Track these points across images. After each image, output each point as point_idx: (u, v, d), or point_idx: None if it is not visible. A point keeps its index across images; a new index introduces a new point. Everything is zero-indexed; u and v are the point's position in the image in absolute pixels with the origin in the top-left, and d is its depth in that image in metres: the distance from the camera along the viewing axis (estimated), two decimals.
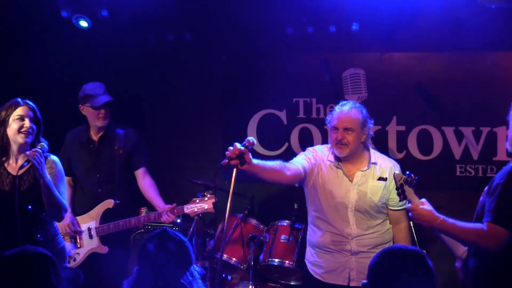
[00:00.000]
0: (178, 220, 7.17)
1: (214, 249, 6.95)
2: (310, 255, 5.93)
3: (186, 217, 7.20)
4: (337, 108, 5.83)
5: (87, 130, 7.07)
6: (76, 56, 8.02)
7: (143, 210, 7.00)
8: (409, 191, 4.73)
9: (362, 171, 5.77)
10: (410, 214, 4.65)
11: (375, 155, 5.91)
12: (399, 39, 7.60)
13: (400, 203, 5.68)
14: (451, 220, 4.54)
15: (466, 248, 4.75)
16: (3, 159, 5.54)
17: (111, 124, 7.05)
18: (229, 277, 7.14)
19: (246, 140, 5.29)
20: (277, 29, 7.62)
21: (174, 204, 6.81)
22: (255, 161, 5.33)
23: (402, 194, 4.76)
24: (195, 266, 3.72)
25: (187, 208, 6.77)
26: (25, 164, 5.40)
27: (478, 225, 4.49)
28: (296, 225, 6.74)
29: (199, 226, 6.94)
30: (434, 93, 7.53)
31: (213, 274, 6.85)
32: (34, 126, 5.58)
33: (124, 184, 7.09)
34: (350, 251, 5.73)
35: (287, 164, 5.69)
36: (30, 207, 5.45)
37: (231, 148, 5.20)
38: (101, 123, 6.97)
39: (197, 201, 6.72)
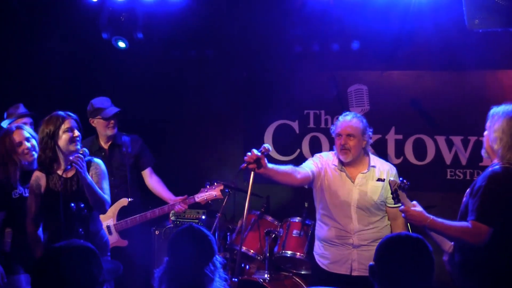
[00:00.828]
0: (203, 217, 7.23)
1: (234, 242, 6.95)
2: (317, 247, 5.95)
3: (210, 214, 7.25)
4: (341, 118, 5.84)
5: (97, 140, 7.05)
6: (115, 72, 8.06)
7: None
8: (402, 195, 4.69)
9: (363, 173, 5.77)
10: (403, 215, 4.63)
11: (374, 159, 5.90)
12: (397, 59, 7.60)
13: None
14: (439, 220, 4.50)
15: (452, 243, 4.72)
16: (55, 167, 5.57)
17: (116, 133, 7.03)
18: (247, 267, 7.15)
19: (262, 147, 5.33)
20: (291, 50, 7.64)
21: (185, 196, 6.83)
22: (270, 165, 5.34)
23: (396, 198, 4.72)
24: (217, 256, 3.72)
25: (197, 197, 6.82)
26: (68, 167, 5.43)
27: (463, 223, 4.50)
28: (307, 221, 6.73)
29: (221, 222, 6.92)
30: (428, 107, 7.53)
31: (233, 264, 6.84)
32: (80, 134, 5.63)
33: (135, 184, 7.13)
34: (352, 244, 5.72)
35: (297, 168, 5.70)
36: (73, 204, 5.48)
37: (249, 153, 5.24)
38: (111, 132, 6.96)
39: (206, 189, 6.74)
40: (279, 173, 5.49)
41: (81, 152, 5.54)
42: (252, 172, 5.31)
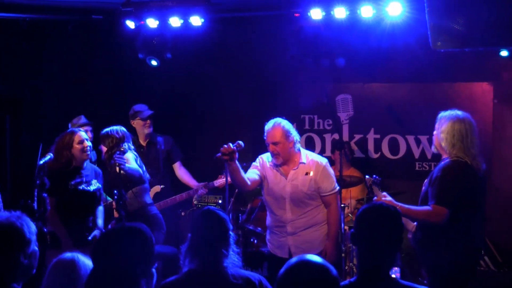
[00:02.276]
0: (220, 201, 7.26)
1: (245, 221, 6.97)
2: (267, 234, 5.78)
3: (224, 197, 7.29)
4: (266, 127, 5.47)
5: (137, 139, 7.08)
6: (149, 84, 8.12)
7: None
8: (375, 188, 4.70)
9: (294, 169, 5.42)
10: None
11: (305, 156, 5.49)
12: (376, 73, 7.63)
13: (328, 190, 5.41)
14: (406, 206, 4.54)
15: (415, 223, 4.77)
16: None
17: (152, 133, 7.10)
18: (255, 241, 7.16)
19: (237, 142, 5.18)
20: (289, 66, 7.68)
21: (206, 182, 6.92)
22: (237, 163, 5.18)
23: (371, 192, 4.75)
24: (231, 233, 3.73)
25: (216, 183, 6.92)
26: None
27: (425, 207, 4.58)
28: None
29: (234, 205, 6.98)
30: (400, 112, 7.55)
31: (244, 239, 6.88)
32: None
33: (167, 174, 7.20)
34: (287, 232, 5.43)
35: (250, 177, 5.42)
36: (116, 191, 5.52)
37: (225, 146, 5.11)
38: (148, 131, 7.03)
39: (222, 177, 6.77)
40: (239, 174, 5.26)
41: (120, 150, 5.62)
42: (225, 163, 5.19)
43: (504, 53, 6.74)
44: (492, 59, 7.07)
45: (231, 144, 5.14)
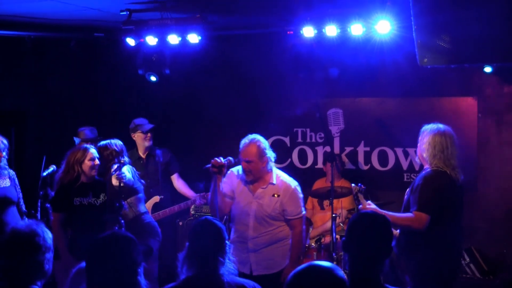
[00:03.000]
0: None
1: None
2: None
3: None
4: (241, 144, 5.30)
5: (136, 151, 7.14)
6: (149, 98, 8.18)
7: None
8: (360, 196, 4.80)
9: (262, 188, 5.26)
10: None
11: (276, 176, 5.33)
12: (365, 88, 7.65)
13: (293, 214, 5.25)
14: (390, 213, 4.61)
15: (398, 231, 4.83)
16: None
17: (152, 146, 7.14)
18: None
19: (227, 158, 5.18)
20: (283, 81, 7.72)
21: (203, 193, 6.91)
22: (224, 179, 5.17)
23: (356, 200, 4.81)
24: (227, 242, 3.72)
25: None
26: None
27: (408, 214, 4.71)
28: None
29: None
30: (389, 125, 7.57)
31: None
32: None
33: (166, 185, 7.22)
34: (248, 248, 5.24)
35: (227, 202, 5.35)
36: (117, 204, 5.53)
37: (217, 159, 5.12)
38: (148, 143, 7.08)
39: None
40: (221, 194, 5.21)
41: (119, 164, 5.71)
42: (214, 175, 5.18)
43: (487, 69, 6.85)
44: (476, 75, 7.18)
45: (222, 158, 5.15)
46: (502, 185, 7.16)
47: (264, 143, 5.34)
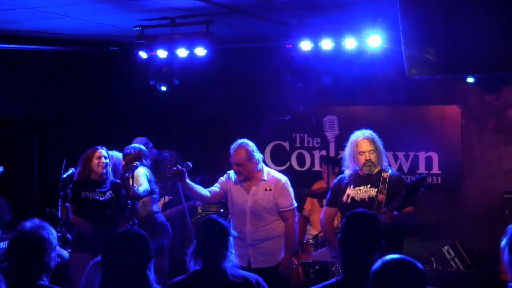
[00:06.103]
0: (222, 210, 7.22)
1: None
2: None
3: (227, 207, 7.25)
4: (231, 147, 5.35)
5: None
6: (159, 107, 8.19)
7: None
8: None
9: (256, 186, 5.27)
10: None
11: (266, 173, 5.34)
12: (358, 97, 7.65)
13: (285, 206, 5.26)
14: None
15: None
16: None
17: (158, 152, 7.11)
18: None
19: (185, 163, 5.19)
20: (282, 91, 7.65)
21: None
22: (188, 181, 5.17)
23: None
24: (230, 238, 3.73)
25: None
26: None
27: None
28: None
29: None
30: (380, 131, 7.51)
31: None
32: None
33: (174, 186, 7.09)
34: (246, 243, 5.23)
35: (211, 188, 5.38)
36: (129, 202, 5.54)
37: (174, 168, 5.11)
38: (150, 152, 7.00)
39: None
40: (193, 190, 5.25)
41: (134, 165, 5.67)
42: (178, 182, 5.22)
43: (470, 79, 6.90)
44: (460, 85, 7.18)
45: (179, 166, 5.13)
46: (484, 186, 7.18)
47: (252, 146, 5.35)
